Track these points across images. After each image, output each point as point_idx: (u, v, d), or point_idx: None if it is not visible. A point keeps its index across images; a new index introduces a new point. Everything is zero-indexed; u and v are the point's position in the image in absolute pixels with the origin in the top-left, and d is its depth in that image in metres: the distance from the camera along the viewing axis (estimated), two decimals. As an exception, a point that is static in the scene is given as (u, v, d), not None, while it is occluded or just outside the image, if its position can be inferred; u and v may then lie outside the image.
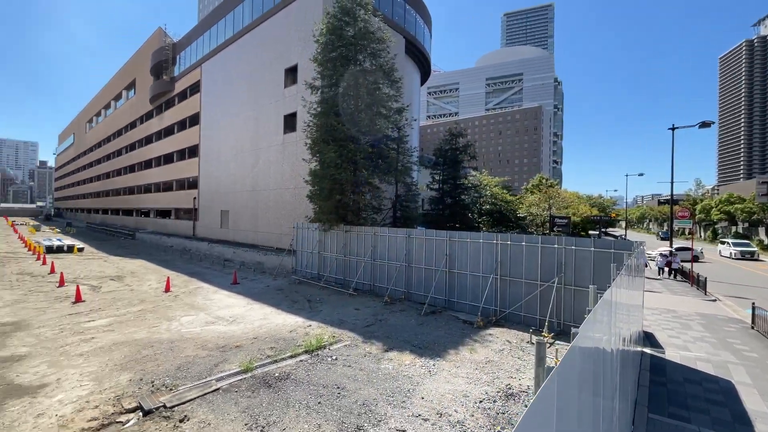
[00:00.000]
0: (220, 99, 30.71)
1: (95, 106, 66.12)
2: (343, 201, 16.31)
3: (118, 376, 7.42)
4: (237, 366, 7.85)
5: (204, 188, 32.45)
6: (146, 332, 10.10)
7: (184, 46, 37.75)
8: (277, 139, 24.07)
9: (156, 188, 42.04)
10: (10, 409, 6.18)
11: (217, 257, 25.40)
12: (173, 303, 13.30)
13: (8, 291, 14.49)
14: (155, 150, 41.89)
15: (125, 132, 51.32)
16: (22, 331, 10.03)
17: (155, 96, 40.64)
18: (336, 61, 16.62)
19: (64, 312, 11.88)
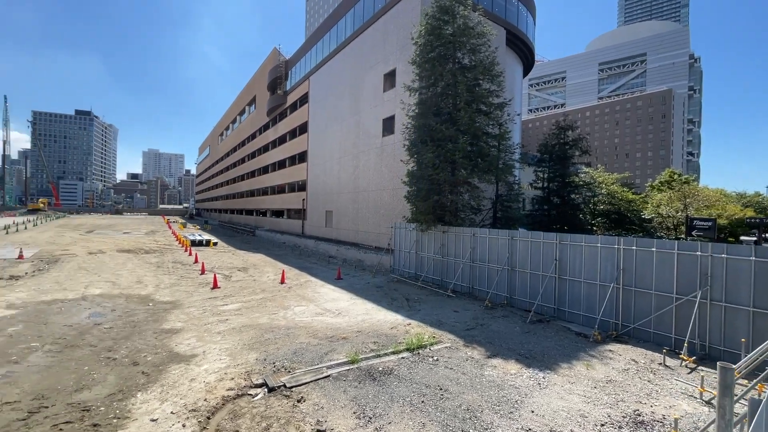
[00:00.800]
0: (326, 107, 33.22)
1: (225, 121, 77.44)
2: (441, 201, 16.20)
3: (247, 354, 8.52)
4: (344, 356, 8.36)
5: (311, 190, 35.47)
6: (267, 318, 11.41)
7: (294, 63, 41.85)
8: (376, 142, 25.05)
9: (272, 191, 47.43)
10: (172, 372, 7.56)
11: (322, 254, 27.52)
12: (288, 294, 14.80)
13: (167, 276, 17.82)
14: (271, 157, 47.26)
15: (247, 142, 59.01)
16: (177, 309, 12.21)
17: (271, 109, 45.86)
18: (434, 61, 16.60)
19: (205, 296, 14.13)
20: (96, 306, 12.39)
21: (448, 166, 16.09)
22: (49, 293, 13.79)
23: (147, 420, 5.81)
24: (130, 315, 11.47)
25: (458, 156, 15.32)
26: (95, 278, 16.73)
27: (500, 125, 17.71)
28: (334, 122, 31.53)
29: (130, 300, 13.29)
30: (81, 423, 5.73)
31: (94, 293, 14.02)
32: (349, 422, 5.83)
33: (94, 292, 14.15)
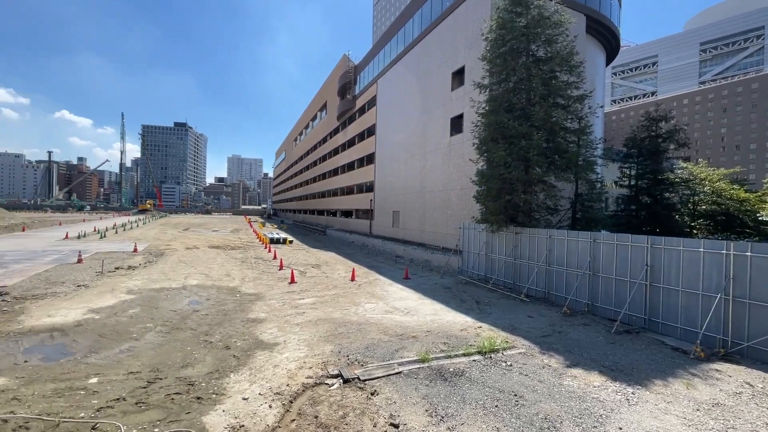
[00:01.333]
0: (393, 109, 33.73)
1: (299, 127, 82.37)
2: (513, 201, 15.54)
3: (323, 346, 9.03)
4: (414, 355, 8.46)
5: (378, 191, 36.26)
6: (340, 313, 11.96)
7: (362, 68, 43.13)
8: (444, 141, 24.81)
9: (341, 192, 49.40)
10: (258, 357, 8.30)
11: (389, 253, 27.99)
12: (358, 291, 15.33)
13: (250, 270, 19.51)
14: (340, 160, 49.24)
15: (319, 146, 62.13)
16: (260, 301, 13.33)
17: (341, 114, 47.77)
18: (506, 56, 16.00)
19: (283, 290, 15.22)
20: (194, 295, 14.03)
21: (521, 164, 15.38)
22: (157, 282, 15.92)
23: (239, 398, 6.46)
24: (221, 304, 12.79)
25: (533, 153, 14.57)
26: (192, 270, 18.92)
27: (580, 119, 16.46)
28: (401, 124, 31.88)
29: (221, 291, 14.81)
30: (187, 395, 6.56)
31: (191, 284, 15.89)
32: (422, 419, 5.90)
33: (192, 283, 16.02)
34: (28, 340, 9.03)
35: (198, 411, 6.04)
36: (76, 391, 6.60)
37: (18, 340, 8.96)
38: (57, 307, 11.68)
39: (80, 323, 10.30)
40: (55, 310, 11.43)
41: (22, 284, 14.45)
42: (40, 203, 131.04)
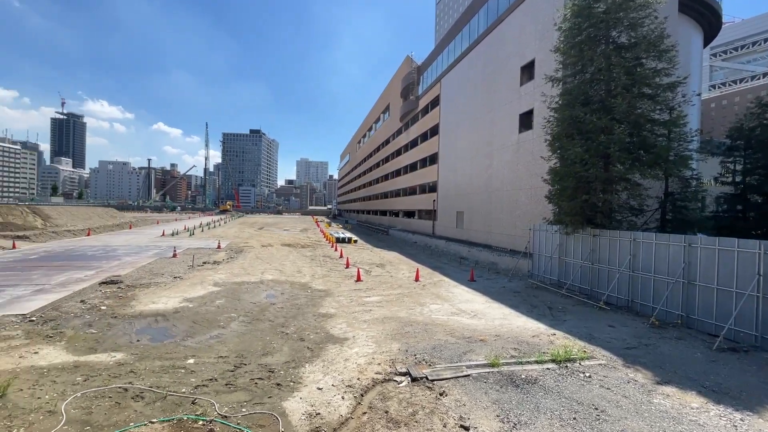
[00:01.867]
0: (457, 108, 33.17)
1: (362, 129, 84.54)
2: (591, 201, 14.42)
3: (390, 344, 9.21)
4: (483, 358, 8.27)
5: (442, 191, 35.89)
6: (406, 313, 12.08)
7: (425, 68, 43.00)
8: (512, 138, 23.81)
9: (403, 192, 49.74)
10: (330, 350, 8.72)
11: (453, 255, 27.56)
12: (422, 291, 15.35)
13: (319, 268, 20.50)
14: (403, 161, 49.59)
15: (382, 148, 63.19)
16: (329, 297, 13.96)
17: (403, 115, 48.11)
18: (582, 45, 14.91)
19: (351, 287, 15.76)
20: (270, 289, 15.12)
21: (600, 161, 14.21)
22: (238, 276, 17.43)
23: (315, 388, 6.86)
24: (294, 299, 13.63)
25: (613, 149, 13.38)
26: (267, 266, 20.39)
27: (671, 109, 14.74)
28: (465, 122, 31.23)
29: (294, 286, 15.78)
30: (268, 381, 7.12)
31: (268, 278, 17.13)
32: (493, 424, 5.76)
33: (268, 278, 17.27)
34: (138, 322, 10.45)
35: (278, 396, 6.53)
36: (177, 369, 7.51)
37: (131, 322, 10.42)
38: (159, 296, 13.35)
39: (177, 310, 11.67)
40: (158, 297, 13.07)
41: (132, 274, 16.74)
42: (142, 204, 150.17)
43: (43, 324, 9.93)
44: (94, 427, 5.49)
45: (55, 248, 25.04)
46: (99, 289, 13.76)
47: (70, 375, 7.09)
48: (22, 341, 8.68)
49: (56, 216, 37.62)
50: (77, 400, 6.16)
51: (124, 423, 5.60)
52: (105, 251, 24.23)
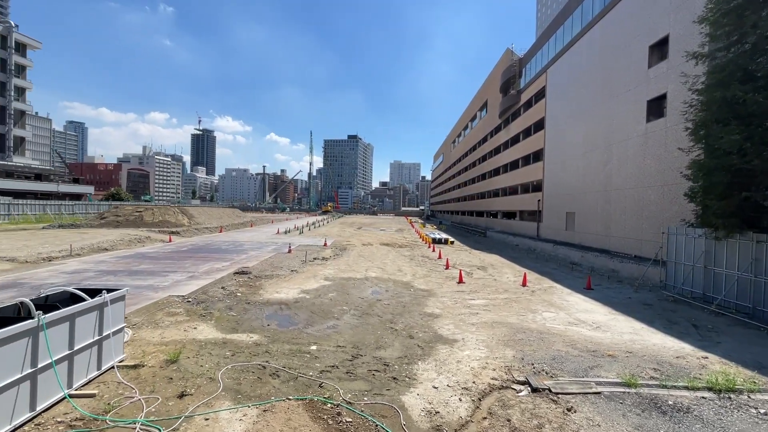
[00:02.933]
0: (566, 100, 30.37)
1: (457, 129, 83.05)
2: (752, 199, 11.81)
3: (503, 349, 8.79)
4: (615, 376, 7.35)
5: (548, 190, 33.22)
6: (515, 318, 11.43)
7: (527, 60, 40.33)
8: (637, 129, 20.85)
9: (503, 192, 47.39)
10: (441, 350, 8.68)
11: (562, 259, 25.27)
12: (532, 297, 14.36)
13: (419, 268, 20.68)
14: (502, 159, 47.26)
15: (478, 146, 61.19)
16: (433, 297, 13.95)
17: (503, 111, 45.84)
18: (741, 10, 12.30)
19: (453, 289, 15.53)
20: (374, 285, 15.74)
21: (766, 149, 11.55)
22: (344, 272, 18.54)
23: (430, 386, 6.88)
24: (399, 297, 13.95)
25: (788, 134, 10.74)
26: (370, 264, 21.28)
27: None
28: (576, 114, 28.40)
29: (396, 284, 16.17)
30: (384, 374, 7.37)
31: (371, 276, 17.87)
32: (639, 453, 5.05)
33: (372, 275, 18.01)
34: (267, 309, 11.81)
35: (396, 390, 6.70)
36: (303, 354, 8.25)
37: (261, 308, 11.83)
38: (281, 286, 14.91)
39: (297, 300, 12.88)
40: (280, 288, 14.62)
41: (257, 266, 19.04)
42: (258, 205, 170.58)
43: (197, 305, 11.87)
44: (243, 396, 6.32)
45: (198, 242, 29.89)
46: (234, 278, 15.95)
47: (221, 349, 8.31)
48: (185, 318, 10.49)
49: (197, 215, 44.94)
50: (228, 372, 7.18)
51: (266, 396, 6.34)
52: (234, 246, 28.07)
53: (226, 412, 5.80)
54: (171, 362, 7.44)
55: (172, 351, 7.90)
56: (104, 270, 16.97)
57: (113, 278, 15.25)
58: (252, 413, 5.79)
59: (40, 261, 18.63)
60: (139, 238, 28.17)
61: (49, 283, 14.03)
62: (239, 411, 5.84)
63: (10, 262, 17.92)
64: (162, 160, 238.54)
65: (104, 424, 5.35)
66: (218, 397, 6.22)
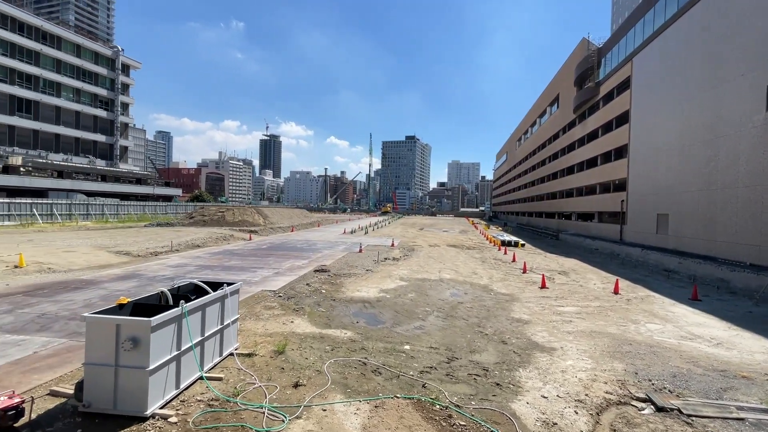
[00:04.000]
0: (657, 89, 27.54)
1: (523, 126, 79.36)
2: None
3: (610, 362, 8.14)
4: (758, 401, 6.44)
5: (633, 189, 30.38)
6: (615, 329, 10.55)
7: (607, 50, 37.26)
8: (754, 119, 18.23)
9: (577, 192, 44.28)
10: (540, 359, 8.27)
11: (653, 265, 22.94)
12: (628, 306, 13.18)
13: (494, 271, 20.04)
14: (576, 156, 44.17)
15: (548, 144, 57.85)
16: (516, 302, 13.40)
17: (578, 105, 42.84)
18: None
19: (536, 294, 14.79)
20: (452, 287, 15.52)
21: None
22: (418, 273, 18.53)
23: (538, 395, 6.57)
24: (480, 300, 13.60)
25: None
26: (441, 266, 21.06)
27: None
28: (670, 106, 25.62)
29: (474, 287, 15.79)
30: (485, 379, 7.19)
31: (446, 277, 17.66)
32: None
33: (446, 277, 17.80)
34: (352, 306, 12.18)
35: (502, 396, 6.50)
36: (398, 353, 8.35)
37: (347, 306, 12.22)
38: (360, 285, 15.30)
39: (379, 299, 13.11)
40: (360, 286, 15.00)
41: (334, 265, 19.76)
42: (320, 206, 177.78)
43: (288, 299, 12.60)
44: (352, 390, 6.54)
45: (275, 241, 31.85)
46: (315, 276, 16.70)
47: (320, 343, 8.70)
48: (280, 311, 11.18)
49: (271, 215, 47.95)
50: (333, 366, 7.49)
51: (373, 392, 6.49)
52: (308, 244, 29.46)
53: (340, 405, 6.03)
54: (279, 353, 7.94)
55: (277, 342, 8.44)
56: (201, 265, 18.73)
57: (211, 272, 16.78)
58: (364, 408, 5.96)
59: (149, 255, 21.10)
60: (224, 236, 30.74)
61: (161, 275, 15.81)
62: (352, 405, 6.05)
63: (126, 255, 20.53)
64: (235, 164, 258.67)
65: (236, 406, 5.85)
66: (329, 390, 6.50)
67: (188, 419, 5.44)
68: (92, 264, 17.78)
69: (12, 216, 37.85)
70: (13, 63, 52.24)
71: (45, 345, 7.96)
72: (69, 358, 7.40)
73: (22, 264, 15.77)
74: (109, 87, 67.19)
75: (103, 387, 5.43)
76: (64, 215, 42.94)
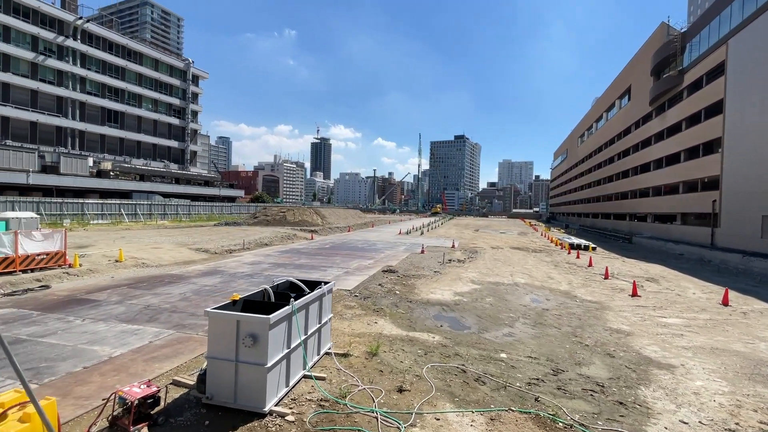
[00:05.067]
0: (759, 76, 24.25)
1: (585, 123, 74.36)
2: None
3: (751, 385, 7.05)
4: None
5: (729, 188, 27.05)
6: (742, 346, 9.22)
7: (695, 33, 33.63)
8: None
9: (655, 192, 40.47)
10: (660, 376, 7.35)
11: (759, 274, 20.18)
12: (746, 321, 11.54)
13: (571, 275, 18.71)
14: (653, 152, 40.38)
15: (617, 140, 53.58)
16: (608, 311, 12.26)
17: (656, 96, 39.14)
18: None
19: (627, 302, 13.48)
20: (529, 293, 14.62)
21: None
22: (488, 276, 17.76)
23: (676, 420, 5.77)
24: (565, 307, 12.64)
25: None
26: (511, 269, 20.06)
27: None
28: (779, 91, 22.42)
29: (554, 293, 14.77)
30: (603, 396, 6.49)
31: (520, 281, 16.73)
32: None
33: (520, 281, 16.86)
34: (430, 309, 11.83)
35: (631, 417, 5.80)
36: (496, 361, 7.86)
37: (425, 308, 11.90)
38: (431, 287, 14.92)
39: (456, 303, 12.65)
40: (432, 288, 14.62)
41: (400, 266, 19.57)
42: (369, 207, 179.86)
43: (364, 299, 12.55)
44: (460, 399, 6.18)
45: (336, 240, 32.45)
46: (385, 276, 16.59)
47: (410, 347, 8.45)
48: (361, 311, 11.12)
49: (328, 216, 49.13)
50: (431, 372, 7.18)
51: (483, 403, 6.09)
52: (368, 245, 29.63)
53: (453, 415, 5.71)
54: (372, 355, 7.79)
55: (368, 343, 8.32)
56: (274, 263, 19.43)
57: (284, 270, 17.31)
58: (480, 420, 5.58)
59: (224, 252, 22.34)
60: (288, 236, 31.87)
61: (240, 272, 16.58)
62: (465, 416, 5.70)
63: (205, 252, 21.89)
64: (288, 166, 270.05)
65: (346, 409, 5.73)
66: (436, 397, 6.20)
67: (304, 419, 5.41)
68: (177, 260, 19.11)
69: (104, 215, 42.23)
70: (104, 78, 58.42)
71: (157, 335, 8.49)
72: (180, 350, 7.81)
73: (122, 259, 17.31)
74: (181, 96, 72.90)
75: (224, 381, 5.56)
76: (145, 215, 47.17)
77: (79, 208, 40.31)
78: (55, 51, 52.22)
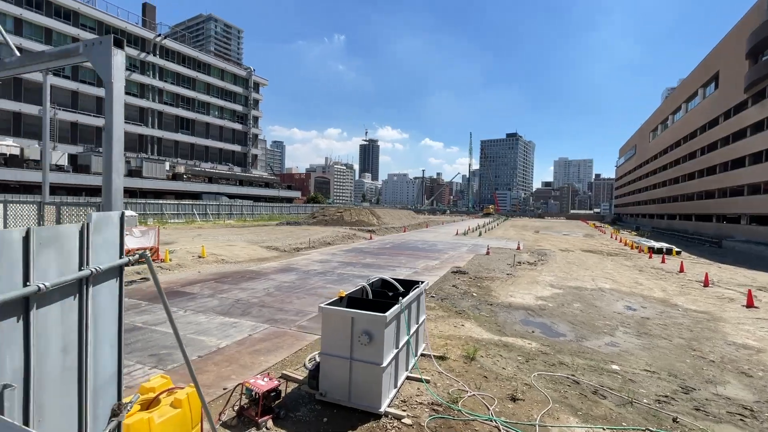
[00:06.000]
0: None
1: (659, 116, 68.11)
2: None
3: None
4: None
5: None
6: None
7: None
8: None
9: (751, 190, 35.88)
10: (824, 403, 6.24)
11: None
12: None
13: (662, 281, 16.97)
14: (750, 145, 35.81)
15: (700, 133, 48.36)
16: (722, 323, 10.84)
17: (753, 82, 34.64)
18: None
19: (744, 314, 11.86)
20: (620, 299, 13.39)
21: None
22: (566, 280, 16.59)
23: None
24: (669, 316, 11.39)
25: None
26: (590, 273, 18.64)
27: None
28: None
29: (648, 300, 13.41)
30: (756, 421, 5.61)
31: (605, 287, 15.43)
32: None
33: (605, 286, 15.55)
34: (514, 313, 11.20)
35: (805, 451, 4.91)
36: (609, 373, 7.14)
37: (508, 311, 11.29)
38: (508, 290, 14.20)
39: (541, 308, 11.88)
40: (510, 291, 13.91)
41: (468, 267, 18.95)
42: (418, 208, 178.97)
43: (442, 300, 12.19)
44: (583, 414, 5.63)
45: (395, 240, 32.41)
46: (456, 277, 16.11)
47: (507, 352, 7.97)
48: (443, 312, 10.80)
49: (383, 216, 49.42)
50: (540, 380, 6.67)
51: (610, 419, 5.50)
52: (428, 245, 29.23)
53: (581, 431, 5.20)
54: (470, 359, 7.42)
55: (463, 346, 7.98)
56: (341, 261, 19.71)
57: (354, 269, 17.45)
58: (615, 439, 5.01)
59: (292, 251, 23.11)
60: (348, 235, 32.38)
61: (312, 269, 16.97)
62: (596, 432, 5.16)
63: (275, 250, 22.79)
64: (338, 168, 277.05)
65: (461, 415, 5.43)
66: (555, 409, 5.71)
67: (421, 422, 5.20)
68: (252, 257, 20.05)
69: (179, 215, 45.84)
70: (178, 89, 63.61)
71: (254, 329, 8.78)
72: (278, 344, 7.98)
73: (204, 255, 18.48)
74: (243, 103, 77.38)
75: (337, 378, 5.50)
76: (213, 215, 50.54)
77: (159, 208, 44.09)
78: (138, 66, 57.72)
